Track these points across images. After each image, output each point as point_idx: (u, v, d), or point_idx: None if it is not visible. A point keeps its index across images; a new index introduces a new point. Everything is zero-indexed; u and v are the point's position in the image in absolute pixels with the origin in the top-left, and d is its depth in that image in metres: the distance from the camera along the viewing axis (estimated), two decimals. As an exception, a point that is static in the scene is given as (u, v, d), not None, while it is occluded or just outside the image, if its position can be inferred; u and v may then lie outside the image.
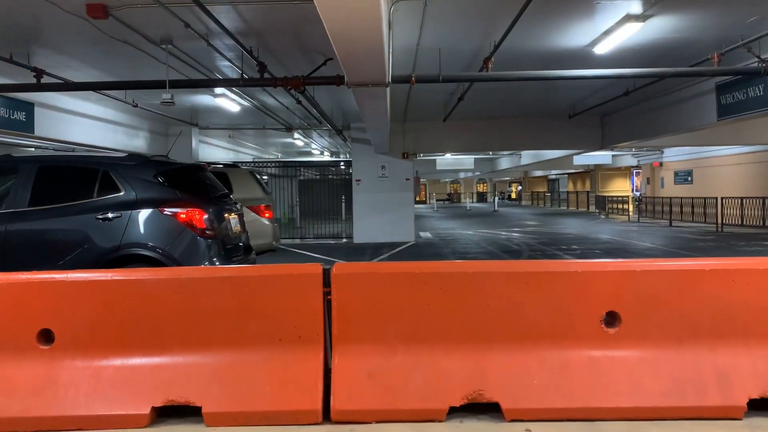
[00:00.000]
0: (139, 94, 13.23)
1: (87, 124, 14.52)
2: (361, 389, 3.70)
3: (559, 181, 53.42)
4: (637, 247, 15.84)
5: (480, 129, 18.67)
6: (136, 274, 4.04)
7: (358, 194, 18.53)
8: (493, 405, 3.65)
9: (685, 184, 28.20)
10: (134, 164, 6.33)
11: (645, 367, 3.71)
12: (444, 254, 14.80)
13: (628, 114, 16.51)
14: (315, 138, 24.61)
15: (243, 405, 3.66)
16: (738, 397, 3.57)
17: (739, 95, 11.32)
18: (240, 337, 3.81)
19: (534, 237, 19.48)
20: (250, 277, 3.91)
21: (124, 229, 6.00)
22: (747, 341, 3.71)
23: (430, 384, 3.70)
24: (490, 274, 3.91)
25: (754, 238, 17.77)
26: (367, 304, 3.82)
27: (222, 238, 6.47)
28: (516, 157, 32.68)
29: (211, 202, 6.58)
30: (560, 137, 18.69)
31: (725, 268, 3.86)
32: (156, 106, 13.97)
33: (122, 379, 3.75)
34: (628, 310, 3.79)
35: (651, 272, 3.87)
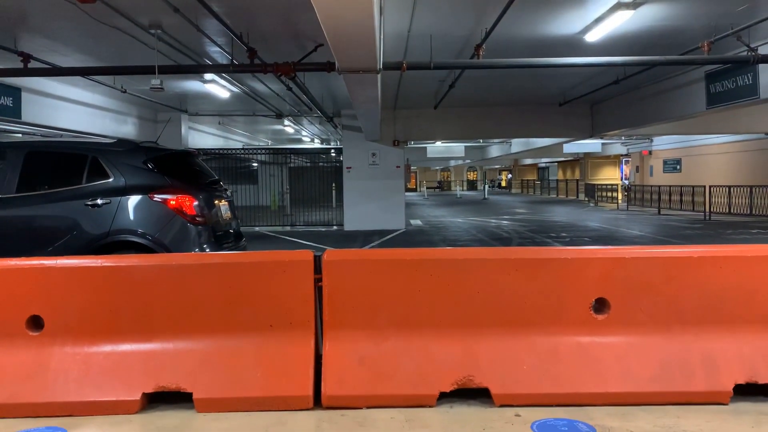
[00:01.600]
0: (128, 79, 13.11)
1: (75, 109, 14.39)
2: (352, 375, 3.72)
3: (548, 169, 53.57)
4: (625, 235, 15.94)
5: (470, 117, 18.66)
6: (126, 260, 4.03)
7: (349, 182, 18.50)
8: (483, 390, 3.68)
9: (673, 172, 28.38)
10: (123, 150, 6.29)
11: (633, 352, 3.74)
12: (434, 242, 14.83)
13: (618, 102, 16.55)
14: (305, 125, 24.52)
15: (234, 391, 3.66)
16: (724, 382, 3.62)
17: (729, 84, 11.37)
18: (231, 323, 3.81)
19: (524, 225, 19.56)
20: (240, 264, 3.91)
21: (114, 216, 5.97)
22: (733, 327, 3.75)
23: (421, 370, 3.72)
24: (480, 260, 3.93)
25: (741, 226, 17.93)
26: (358, 290, 3.83)
27: (212, 225, 6.45)
28: (506, 145, 32.72)
29: (201, 188, 6.55)
30: (550, 125, 18.72)
31: (713, 255, 3.90)
32: (145, 92, 13.85)
33: (112, 366, 3.74)
34: (617, 297, 3.82)
35: (640, 259, 3.90)
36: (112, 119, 16.09)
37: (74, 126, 14.35)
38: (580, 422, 3.39)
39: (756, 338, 3.74)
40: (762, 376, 3.63)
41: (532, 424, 3.38)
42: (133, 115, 17.26)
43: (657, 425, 3.32)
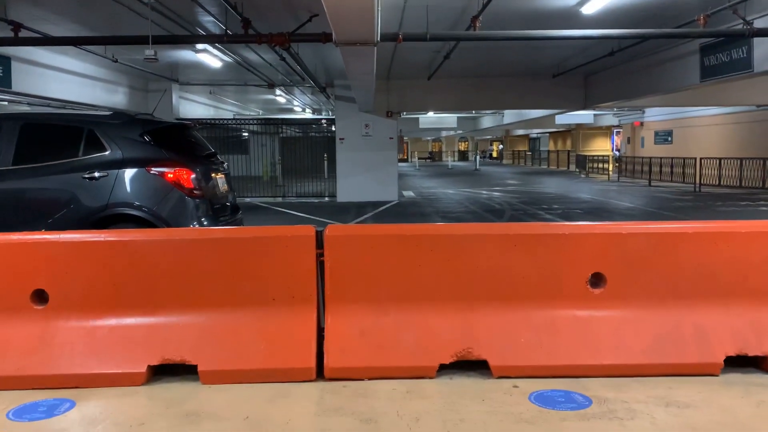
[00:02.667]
0: (120, 49, 12.94)
1: (65, 79, 14.21)
2: (353, 347, 3.80)
3: (540, 140, 53.56)
4: (616, 207, 16.07)
5: (464, 88, 18.60)
6: (129, 235, 4.06)
7: (342, 153, 18.46)
8: (481, 362, 3.78)
9: (665, 144, 28.49)
10: (120, 123, 6.26)
11: (628, 326, 3.84)
12: (428, 214, 14.90)
13: (612, 74, 16.53)
14: (297, 95, 24.35)
15: (238, 363, 3.74)
16: (716, 354, 3.72)
17: (723, 57, 11.38)
18: (234, 297, 3.86)
19: (515, 196, 19.65)
20: (243, 239, 3.95)
21: (111, 189, 5.97)
22: (726, 301, 3.85)
23: (421, 342, 3.80)
24: (480, 236, 3.99)
25: (731, 198, 18.11)
26: (360, 265, 3.89)
27: (209, 198, 6.46)
28: (499, 116, 32.66)
29: (199, 161, 6.54)
30: (544, 96, 18.70)
31: (708, 231, 3.98)
32: (136, 61, 13.69)
33: (117, 339, 3.80)
34: (613, 272, 3.91)
35: (636, 235, 3.97)
36: (102, 89, 15.91)
37: (64, 96, 14.20)
38: (577, 393, 3.50)
39: (747, 312, 3.85)
40: (752, 349, 3.75)
41: (529, 395, 3.48)
42: (124, 84, 17.07)
43: (650, 396, 3.43)
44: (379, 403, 3.40)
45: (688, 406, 3.30)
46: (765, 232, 3.96)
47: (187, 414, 3.31)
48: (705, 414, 3.21)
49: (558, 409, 3.31)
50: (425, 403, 3.40)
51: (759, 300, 3.86)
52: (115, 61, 13.60)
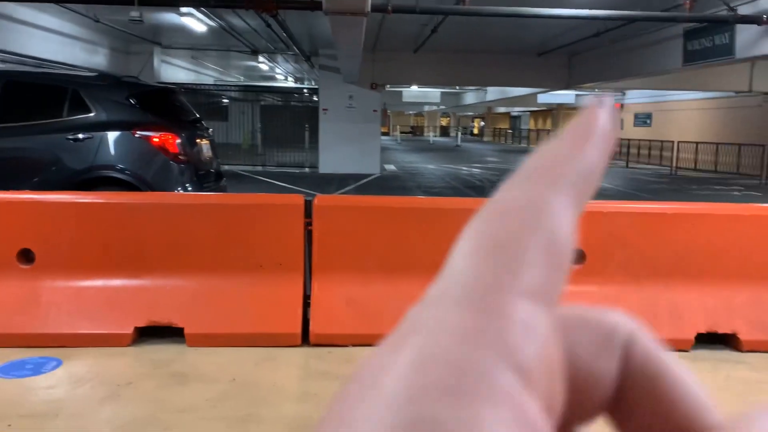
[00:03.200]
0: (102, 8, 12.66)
1: (44, 36, 13.89)
2: (339, 315, 3.88)
3: (521, 118, 53.74)
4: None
5: (450, 62, 18.55)
6: (117, 197, 4.08)
7: (325, 123, 18.37)
8: (463, 333, 3.88)
9: (644, 126, 28.80)
10: (105, 84, 6.19)
11: (605, 301, 3.96)
12: (409, 188, 14.98)
13: (596, 55, 16.61)
14: (280, 63, 24.09)
15: (224, 327, 3.80)
16: (687, 330, 3.88)
17: (706, 42, 11.50)
18: (222, 262, 3.91)
19: (495, 174, 19.79)
20: (232, 206, 3.99)
21: (96, 151, 5.92)
22: (700, 281, 3.99)
23: (406, 311, 3.88)
24: (465, 210, 4.04)
25: (706, 182, 18.45)
26: (347, 235, 3.95)
27: (194, 164, 6.45)
28: (482, 93, 32.67)
29: (184, 126, 6.51)
30: (528, 74, 18.74)
31: (686, 212, 4.11)
32: (118, 22, 13.43)
33: (104, 300, 3.83)
34: (592, 249, 4.02)
35: (617, 214, 4.08)
36: (82, 49, 15.59)
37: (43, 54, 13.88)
38: (554, 364, 3.62)
39: (719, 292, 3.99)
40: (721, 327, 3.90)
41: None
42: (105, 45, 16.74)
43: (624, 369, 3.56)
44: (364, 369, 3.49)
45: (660, 379, 3.44)
46: (739, 215, 4.10)
47: (174, 374, 3.37)
48: (675, 386, 3.35)
49: (535, 378, 3.43)
50: (408, 370, 3.50)
51: (731, 280, 4.01)
52: (97, 20, 13.32)
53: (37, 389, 3.16)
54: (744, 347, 3.87)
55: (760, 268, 4.03)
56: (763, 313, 3.95)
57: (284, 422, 2.86)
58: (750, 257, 4.03)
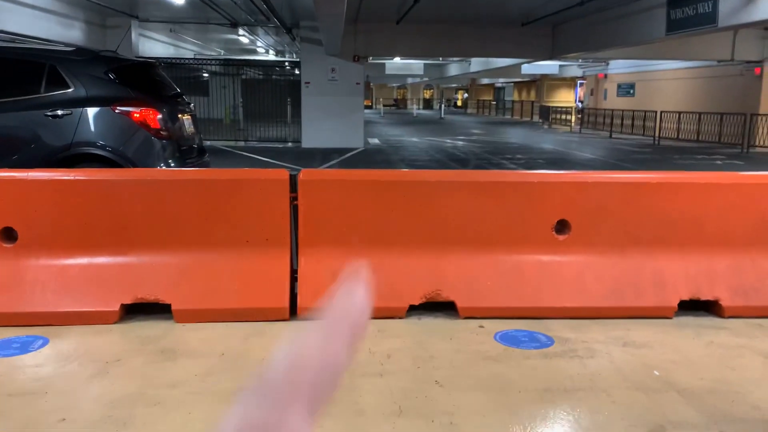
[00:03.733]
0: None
1: (16, 11, 13.53)
2: (326, 288, 3.86)
3: (505, 90, 53.55)
4: (578, 158, 16.36)
5: (433, 33, 18.37)
6: (99, 174, 4.02)
7: (307, 97, 18.18)
8: (449, 303, 3.91)
9: (627, 96, 28.83)
10: (83, 59, 6.06)
11: (590, 270, 4.01)
12: (393, 161, 14.93)
13: (580, 24, 16.54)
14: (261, 36, 23.71)
15: (212, 303, 3.79)
16: (670, 298, 3.94)
17: (689, 11, 11.49)
18: (208, 238, 3.89)
19: (480, 146, 19.78)
20: (217, 181, 3.95)
21: (75, 128, 5.82)
22: (683, 249, 4.04)
23: (392, 284, 3.91)
24: (451, 183, 4.07)
25: (688, 151, 18.58)
26: (333, 209, 3.95)
27: (176, 139, 6.37)
28: (465, 64, 32.47)
29: (165, 101, 6.41)
30: (512, 45, 18.63)
31: (669, 181, 4.14)
32: (93, -6, 13.09)
33: (89, 278, 3.81)
34: (577, 219, 4.05)
35: (601, 184, 4.11)
36: (57, 23, 15.22)
37: (16, 28, 13.52)
38: (540, 333, 3.67)
39: (701, 259, 4.05)
40: (704, 293, 3.97)
41: (494, 334, 3.64)
42: (80, 19, 16.35)
43: (609, 336, 3.63)
44: (352, 342, 3.51)
45: (644, 346, 3.50)
46: (720, 183, 4.14)
47: (163, 350, 3.37)
48: (659, 353, 3.42)
49: (522, 347, 3.48)
50: (396, 341, 3.53)
51: (713, 248, 4.07)
52: (72, -7, 12.99)
53: (25, 368, 3.15)
54: (726, 313, 3.94)
55: (741, 235, 4.09)
56: (744, 279, 4.01)
57: (274, 395, 2.88)
58: (731, 225, 4.08)
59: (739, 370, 3.22)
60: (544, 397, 2.91)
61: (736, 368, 3.25)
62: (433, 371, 3.16)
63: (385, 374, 3.12)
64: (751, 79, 19.89)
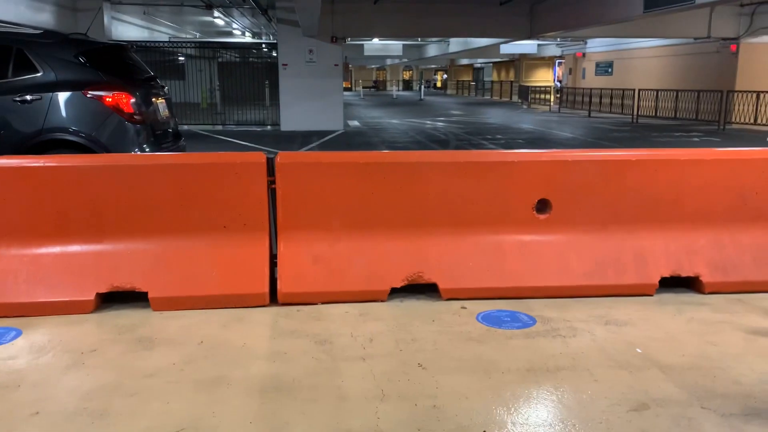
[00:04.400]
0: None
1: (-17, -6, 13.18)
2: (306, 273, 3.83)
3: (483, 70, 53.46)
4: (557, 137, 16.39)
5: (411, 13, 18.21)
6: (71, 160, 3.91)
7: (285, 79, 17.98)
8: (431, 285, 3.89)
9: (605, 75, 28.90)
10: (52, 42, 5.89)
11: (571, 249, 4.00)
12: (374, 143, 14.84)
13: (558, 3, 16.49)
14: (236, 17, 23.36)
15: (190, 290, 3.73)
16: (651, 275, 3.94)
17: (666, -12, 11.49)
18: (184, 224, 3.81)
19: (460, 127, 19.74)
20: (192, 165, 3.86)
21: (46, 113, 5.67)
22: (663, 226, 4.05)
23: (373, 267, 3.87)
24: (431, 164, 4.02)
25: (666, 129, 18.71)
26: (312, 192, 3.88)
27: (151, 124, 6.24)
28: (444, 45, 32.32)
29: (138, 85, 6.26)
30: (490, 24, 18.55)
31: (649, 159, 4.12)
32: (62, -24, 12.75)
33: (63, 267, 3.71)
34: (558, 198, 4.03)
35: (581, 162, 4.08)
36: (26, 6, 14.83)
37: (-17, 12, 13.19)
38: (522, 313, 3.66)
39: (681, 236, 4.06)
40: (684, 270, 3.98)
41: (477, 315, 3.62)
42: (49, 2, 15.96)
43: (591, 315, 3.62)
44: (334, 326, 3.47)
45: (626, 324, 3.50)
46: (700, 160, 4.14)
47: (140, 339, 3.30)
48: (641, 330, 3.42)
49: (504, 328, 3.46)
50: (378, 324, 3.50)
51: (693, 224, 4.08)
52: (40, -25, 12.65)
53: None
54: (706, 289, 3.96)
55: (719, 211, 4.10)
56: (723, 255, 4.03)
57: (254, 382, 2.83)
58: (710, 201, 4.09)
59: (720, 346, 3.24)
60: (527, 377, 2.89)
61: (717, 344, 3.26)
62: (415, 354, 3.13)
63: (368, 358, 3.08)
64: (727, 56, 20.03)
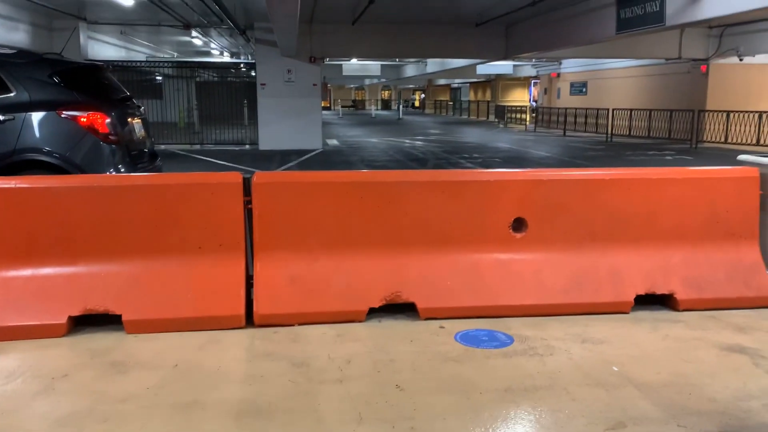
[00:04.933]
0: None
1: (-43, 13, 13.04)
2: (283, 294, 3.80)
3: (461, 90, 54.01)
4: (533, 156, 16.56)
5: (388, 34, 18.38)
6: (42, 181, 3.85)
7: (263, 99, 17.98)
8: (409, 305, 3.88)
9: (580, 95, 29.35)
10: (26, 62, 5.83)
11: (548, 268, 4.03)
12: (353, 162, 14.86)
13: (533, 24, 16.75)
14: (215, 37, 23.36)
15: (164, 312, 3.67)
16: (627, 293, 3.98)
17: (638, 10, 11.74)
18: (159, 245, 3.76)
19: (438, 145, 19.87)
20: (167, 186, 3.83)
21: (19, 133, 5.60)
22: (638, 244, 4.09)
23: (351, 287, 3.85)
24: (409, 183, 4.03)
25: (640, 147, 19.01)
26: (289, 212, 3.86)
27: (126, 144, 6.18)
28: (422, 65, 32.59)
29: (114, 104, 6.21)
30: (467, 46, 18.76)
31: (622, 177, 4.18)
32: (38, -4, 12.68)
33: (35, 290, 3.64)
34: (534, 216, 4.06)
35: (556, 181, 4.13)
36: (0, 25, 14.70)
37: (-43, 32, 13.04)
38: (500, 332, 3.66)
39: (655, 253, 4.11)
40: (659, 287, 4.02)
41: (455, 335, 3.62)
42: (25, 21, 15.83)
43: (568, 333, 3.64)
44: (311, 347, 3.44)
45: (602, 342, 3.52)
46: (671, 178, 4.21)
47: (114, 363, 3.24)
48: (617, 348, 3.44)
49: (482, 347, 3.46)
50: (356, 345, 3.47)
51: (666, 242, 4.13)
52: (14, -5, 12.56)
53: (-36, 387, 2.98)
54: (680, 306, 4.00)
55: (693, 229, 4.16)
56: (697, 272, 4.08)
57: (229, 406, 2.79)
58: (683, 219, 4.15)
59: (695, 363, 3.26)
60: (505, 397, 2.89)
61: (692, 361, 3.29)
62: (393, 375, 3.11)
63: (345, 380, 3.06)
64: (698, 76, 20.47)
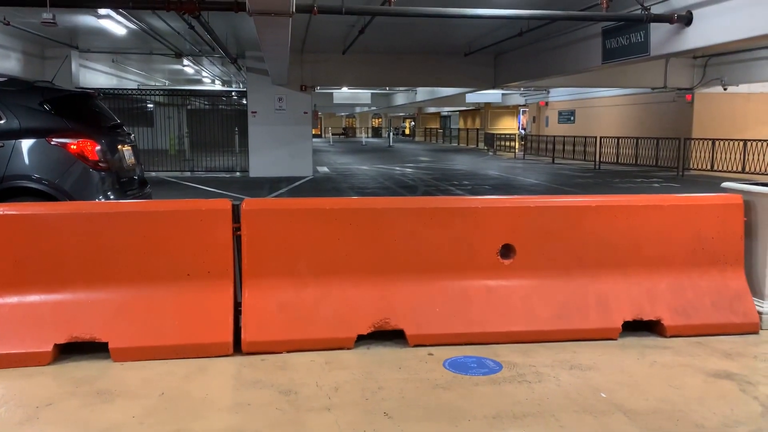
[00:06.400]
0: (12, 11, 12.03)
1: (-52, 41, 13.08)
2: (271, 321, 3.79)
3: (450, 118, 54.52)
4: (522, 183, 16.68)
5: (378, 63, 18.59)
6: (30, 208, 3.85)
7: (254, 127, 18.06)
8: (398, 332, 3.87)
9: (568, 123, 29.69)
10: (17, 90, 5.86)
11: (536, 294, 4.04)
12: (342, 189, 14.91)
13: (521, 54, 17.01)
14: (206, 66, 23.52)
15: (151, 340, 3.65)
16: (615, 319, 4.00)
17: (623, 41, 11.95)
18: (147, 272, 3.75)
19: (427, 173, 19.98)
20: (155, 212, 3.83)
21: (8, 160, 5.59)
22: (625, 270, 4.12)
23: (340, 314, 3.85)
24: (397, 210, 4.06)
25: (627, 175, 19.19)
26: (278, 239, 3.87)
27: (116, 171, 6.19)
28: (412, 93, 32.93)
29: (104, 132, 6.23)
30: (456, 75, 18.99)
31: (608, 204, 4.23)
32: (31, 25, 12.78)
33: (20, 318, 3.62)
34: (522, 243, 4.09)
35: (544, 208, 4.17)
36: (-8, 54, 14.77)
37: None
38: (488, 359, 3.66)
39: (642, 280, 4.14)
40: (646, 314, 4.04)
41: (444, 362, 3.61)
42: (17, 50, 15.90)
43: (556, 360, 3.64)
44: (298, 375, 3.42)
45: (590, 368, 3.53)
46: (657, 205, 4.26)
47: (99, 392, 3.21)
48: (605, 375, 3.45)
49: (471, 374, 3.46)
50: (344, 373, 3.46)
51: (652, 268, 4.16)
52: (7, 23, 12.62)
53: (-54, 417, 2.94)
54: (668, 332, 4.02)
55: (679, 256, 4.20)
56: (684, 298, 4.11)
57: (217, 435, 2.76)
58: (670, 245, 4.19)
59: (682, 389, 3.27)
60: (493, 424, 2.88)
61: (679, 387, 3.30)
62: (381, 403, 3.10)
63: (333, 408, 3.04)
64: (683, 105, 20.80)
